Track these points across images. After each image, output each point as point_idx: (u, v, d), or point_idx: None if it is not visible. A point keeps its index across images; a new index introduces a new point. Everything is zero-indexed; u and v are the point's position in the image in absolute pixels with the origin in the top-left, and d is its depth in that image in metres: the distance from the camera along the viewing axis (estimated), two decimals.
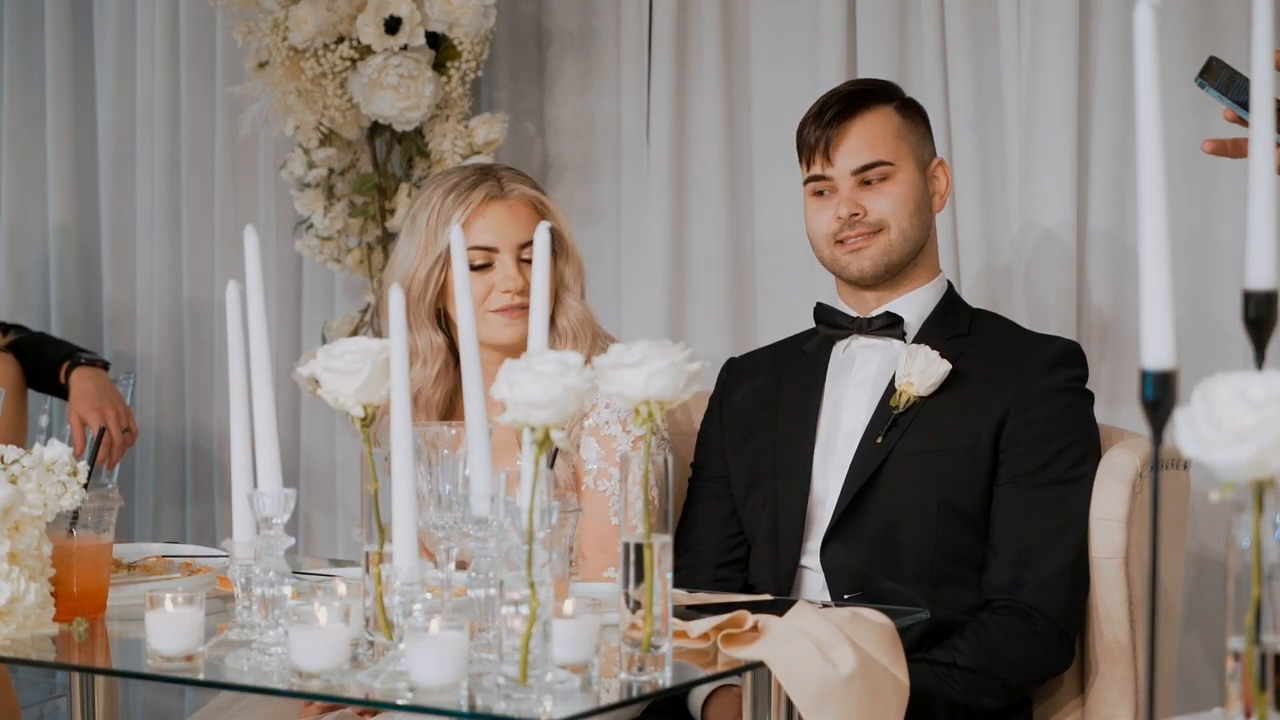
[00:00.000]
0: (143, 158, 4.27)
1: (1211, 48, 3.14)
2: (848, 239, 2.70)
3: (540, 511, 1.81)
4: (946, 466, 2.62)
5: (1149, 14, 1.42)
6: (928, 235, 2.75)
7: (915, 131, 2.75)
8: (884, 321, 2.73)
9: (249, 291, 2.12)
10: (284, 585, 2.08)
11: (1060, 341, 2.71)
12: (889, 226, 2.70)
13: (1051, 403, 2.63)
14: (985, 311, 2.82)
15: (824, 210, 2.72)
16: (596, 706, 1.84)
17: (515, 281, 2.76)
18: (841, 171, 2.71)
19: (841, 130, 2.71)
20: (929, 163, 2.76)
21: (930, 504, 2.62)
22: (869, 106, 2.73)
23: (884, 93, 2.76)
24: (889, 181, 2.71)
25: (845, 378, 2.75)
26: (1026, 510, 2.60)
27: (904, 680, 2.10)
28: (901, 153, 2.72)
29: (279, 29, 3.57)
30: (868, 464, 2.65)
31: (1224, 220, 3.14)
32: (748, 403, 2.84)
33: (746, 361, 2.93)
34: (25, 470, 2.23)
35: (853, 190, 2.70)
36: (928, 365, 2.64)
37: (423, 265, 2.79)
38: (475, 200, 2.78)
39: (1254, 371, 1.37)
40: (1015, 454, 2.61)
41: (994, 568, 2.61)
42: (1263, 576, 1.40)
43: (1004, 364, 2.66)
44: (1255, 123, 1.45)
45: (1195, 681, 3.14)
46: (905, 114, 2.75)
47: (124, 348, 4.32)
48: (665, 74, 3.64)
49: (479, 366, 1.97)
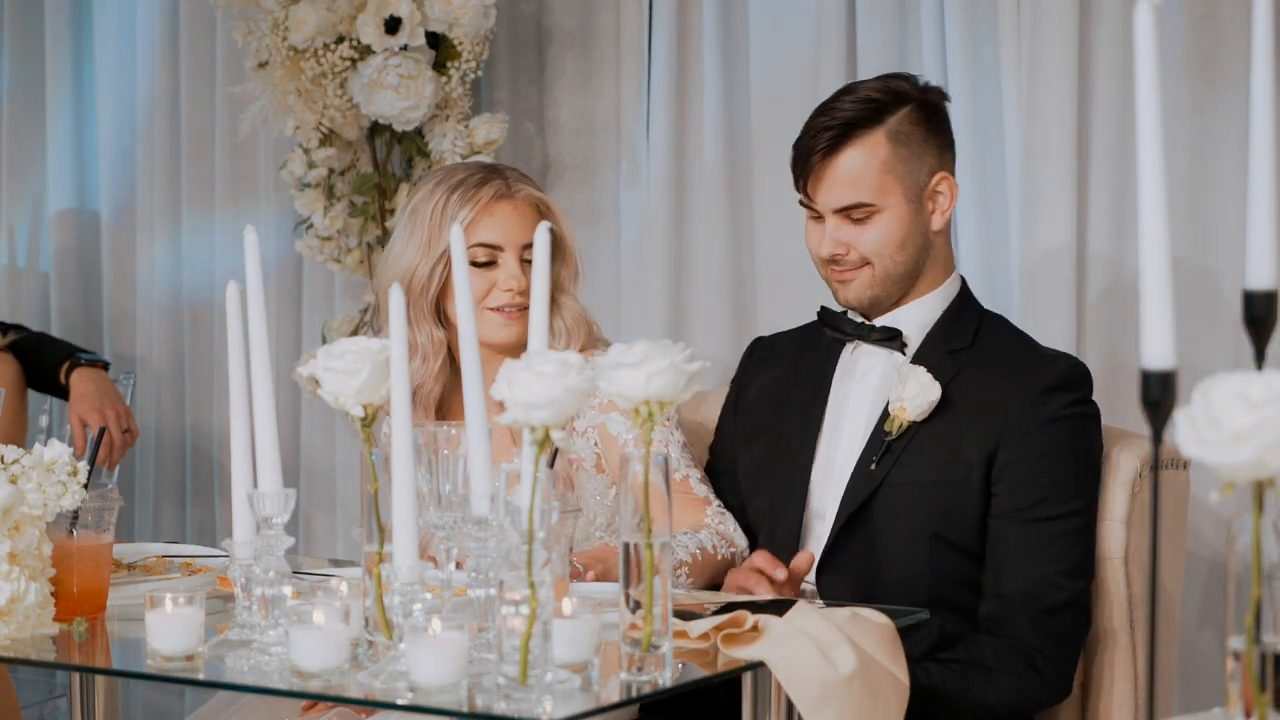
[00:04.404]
0: (143, 158, 4.27)
1: (1211, 48, 3.15)
2: (834, 270, 2.67)
3: (540, 511, 1.81)
4: (938, 498, 2.58)
5: (1149, 14, 1.42)
6: (921, 260, 2.66)
7: (909, 158, 2.63)
8: (883, 334, 2.68)
9: (249, 291, 2.12)
10: (284, 585, 2.08)
11: (1060, 364, 2.62)
12: (873, 263, 2.64)
13: (1045, 435, 2.56)
14: (994, 317, 2.74)
15: (814, 233, 2.68)
16: (596, 706, 1.84)
17: (519, 281, 2.77)
18: (824, 207, 2.65)
19: (823, 167, 2.62)
20: (925, 186, 2.65)
21: (922, 535, 2.58)
22: (855, 138, 2.61)
23: (881, 111, 2.63)
24: (872, 221, 2.63)
25: (850, 382, 2.72)
26: (1020, 547, 2.54)
27: (904, 680, 2.10)
28: (887, 188, 2.62)
29: (279, 29, 3.57)
30: (860, 491, 2.61)
31: (1224, 220, 3.14)
32: (762, 396, 2.82)
33: (771, 346, 2.89)
34: (25, 470, 2.23)
35: (837, 226, 2.64)
36: (919, 391, 2.58)
37: (425, 261, 2.78)
38: (484, 198, 2.78)
39: (1254, 371, 1.37)
40: (1007, 488, 2.56)
41: (991, 602, 2.57)
42: (1263, 576, 1.40)
43: (1000, 387, 2.59)
44: (1255, 123, 1.45)
45: (1212, 680, 3.13)
46: (899, 137, 2.62)
47: (124, 348, 4.32)
48: (665, 74, 3.64)
49: (479, 366, 1.97)
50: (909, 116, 2.65)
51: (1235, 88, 3.12)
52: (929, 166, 2.66)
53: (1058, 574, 2.54)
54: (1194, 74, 3.16)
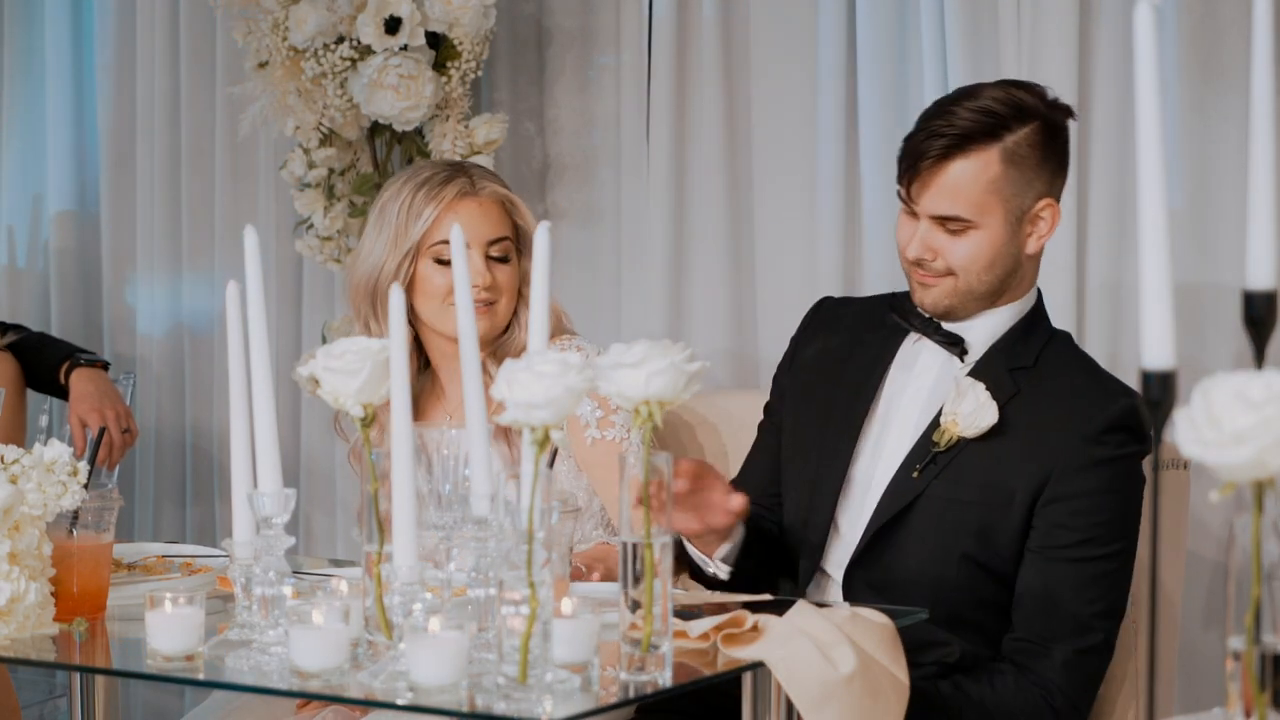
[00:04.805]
0: (143, 158, 4.27)
1: (1211, 48, 3.15)
2: (917, 272, 2.59)
3: (540, 511, 1.81)
4: (974, 519, 2.53)
5: (1149, 14, 1.42)
6: (1008, 281, 2.58)
7: (1020, 179, 2.53)
8: (946, 338, 2.62)
9: (249, 291, 2.12)
10: (284, 585, 2.08)
11: (1123, 401, 2.52)
12: (957, 275, 2.56)
13: (1096, 475, 2.49)
14: (1062, 337, 2.67)
15: (906, 229, 2.60)
16: (596, 706, 1.84)
17: (484, 277, 2.79)
18: (923, 210, 2.57)
19: (930, 173, 2.53)
20: (1028, 210, 2.55)
21: (953, 554, 2.53)
22: (968, 151, 2.51)
23: (1001, 127, 2.52)
24: (966, 235, 2.54)
25: (908, 374, 2.65)
26: (1054, 584, 2.50)
27: (904, 680, 2.10)
28: (989, 207, 2.52)
29: (279, 29, 3.57)
30: (898, 499, 2.56)
31: (1224, 220, 3.14)
32: (818, 360, 2.74)
33: (834, 313, 2.81)
34: (25, 470, 2.23)
35: (929, 230, 2.56)
36: (975, 409, 2.52)
37: (391, 258, 2.81)
38: (448, 195, 2.81)
39: (1254, 371, 1.37)
40: (1051, 524, 2.50)
41: (1018, 631, 2.53)
42: (1263, 576, 1.40)
43: (1058, 418, 2.52)
44: (1255, 123, 1.45)
45: (1213, 680, 3.13)
46: (1013, 159, 2.52)
47: (124, 348, 4.32)
48: (665, 74, 3.63)
49: (479, 366, 1.97)
50: (1028, 138, 2.54)
51: (1235, 88, 3.12)
52: (1037, 192, 2.56)
53: (1094, 616, 2.50)
54: (1194, 74, 3.16)
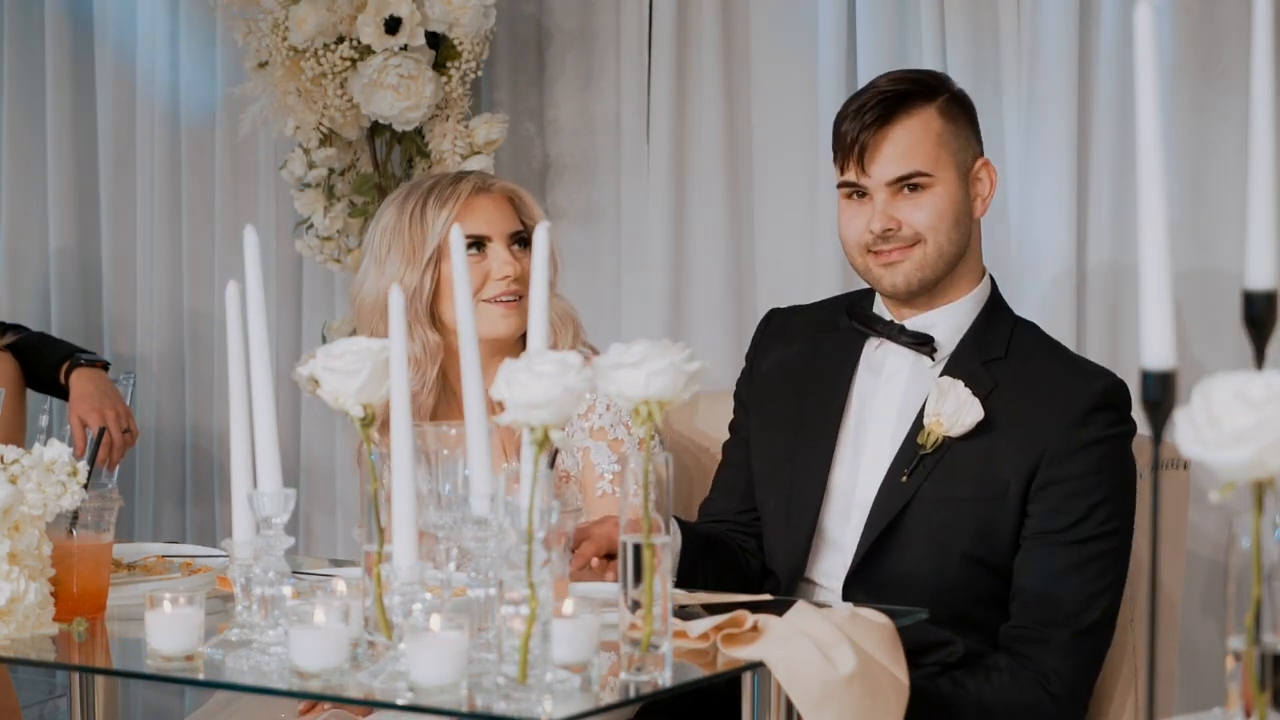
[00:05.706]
0: (143, 158, 4.27)
1: (1211, 48, 3.15)
2: (881, 250, 2.58)
3: (540, 511, 1.81)
4: (971, 516, 2.53)
5: (1149, 14, 1.42)
6: (967, 245, 2.60)
7: (958, 135, 2.60)
8: (913, 338, 2.61)
9: (249, 291, 2.12)
10: (284, 585, 2.08)
11: (1101, 382, 2.54)
12: (925, 240, 2.56)
13: (1086, 457, 2.50)
14: (1025, 325, 2.67)
15: (858, 216, 2.59)
16: (596, 706, 1.84)
17: (513, 267, 2.78)
18: (876, 181, 2.56)
19: (878, 137, 2.55)
20: (971, 166, 2.61)
21: (953, 554, 2.53)
22: (908, 109, 2.56)
23: (927, 90, 2.59)
24: (926, 192, 2.56)
25: (876, 381, 2.65)
26: (1052, 568, 2.50)
27: (904, 680, 2.10)
28: (942, 161, 2.57)
29: (279, 29, 3.57)
30: (890, 505, 2.55)
31: (1224, 220, 3.14)
32: (776, 375, 2.74)
33: (784, 323, 2.80)
34: (25, 470, 2.23)
35: (887, 201, 2.56)
36: (959, 408, 2.52)
37: (412, 271, 2.77)
38: (463, 192, 2.80)
39: (1254, 371, 1.37)
40: (1045, 509, 2.50)
41: (1016, 621, 2.53)
42: (1263, 576, 1.40)
43: (1040, 405, 2.53)
44: (1255, 123, 1.45)
45: (1213, 679, 3.13)
46: (949, 115, 2.59)
47: (124, 348, 4.32)
48: (665, 74, 3.64)
49: (479, 366, 1.96)
50: (952, 100, 2.62)
51: (1235, 88, 3.12)
52: (973, 150, 2.63)
53: (1092, 596, 2.50)
54: (1194, 74, 3.16)
